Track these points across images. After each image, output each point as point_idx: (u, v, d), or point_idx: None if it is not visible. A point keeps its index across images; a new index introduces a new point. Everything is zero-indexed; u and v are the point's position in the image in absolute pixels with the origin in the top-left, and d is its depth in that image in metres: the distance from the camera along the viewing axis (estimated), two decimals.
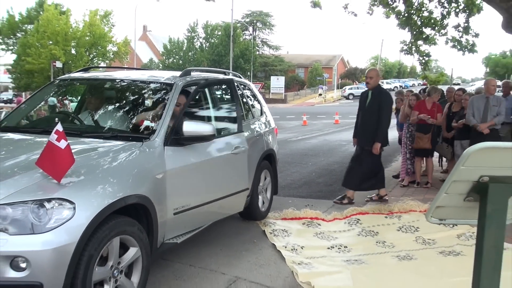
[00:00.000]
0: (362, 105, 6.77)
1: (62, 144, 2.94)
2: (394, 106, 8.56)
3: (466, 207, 2.35)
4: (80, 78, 5.11)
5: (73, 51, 40.31)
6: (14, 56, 42.33)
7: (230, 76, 5.61)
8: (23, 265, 2.68)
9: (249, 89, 6.11)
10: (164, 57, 53.61)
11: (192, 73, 4.72)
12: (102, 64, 40.56)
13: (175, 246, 4.06)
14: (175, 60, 51.75)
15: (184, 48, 52.67)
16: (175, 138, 3.89)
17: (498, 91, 8.64)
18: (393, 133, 13.75)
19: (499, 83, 15.44)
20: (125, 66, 24.60)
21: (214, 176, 4.49)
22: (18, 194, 2.82)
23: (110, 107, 4.47)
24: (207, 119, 4.94)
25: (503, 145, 2.23)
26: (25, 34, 41.88)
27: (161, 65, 51.96)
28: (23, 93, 39.09)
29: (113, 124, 4.23)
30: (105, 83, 4.90)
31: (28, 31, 41.75)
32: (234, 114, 5.10)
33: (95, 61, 41.03)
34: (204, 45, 53.59)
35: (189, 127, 3.89)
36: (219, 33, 52.26)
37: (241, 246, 4.91)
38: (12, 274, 2.67)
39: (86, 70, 5.32)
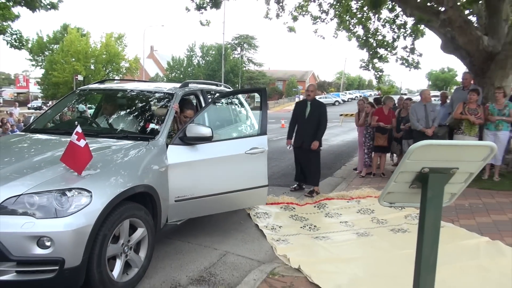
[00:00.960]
0: (301, 114, 6.46)
1: (82, 143, 2.90)
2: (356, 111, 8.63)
3: (410, 193, 2.36)
4: (97, 88, 5.03)
5: (92, 67, 39.65)
6: (43, 71, 41.55)
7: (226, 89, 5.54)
8: (48, 243, 2.64)
9: (237, 98, 6.09)
10: (168, 72, 53.03)
11: (190, 85, 4.68)
12: (116, 78, 40.10)
13: (176, 227, 4.03)
14: (176, 75, 51.16)
15: (184, 65, 52.17)
16: (180, 137, 3.83)
17: (436, 100, 8.76)
18: (354, 134, 13.90)
19: (438, 93, 15.56)
20: (135, 79, 24.26)
21: (222, 172, 4.12)
22: (44, 185, 2.78)
23: (122, 113, 4.39)
24: (224, 123, 4.78)
25: (439, 142, 2.24)
26: (52, 52, 41.07)
27: (165, 79, 51.40)
28: (50, 102, 38.43)
29: (124, 127, 4.17)
30: (118, 92, 4.82)
31: (54, 50, 40.98)
32: (253, 119, 4.93)
33: (110, 75, 40.42)
34: (200, 62, 53.10)
35: (191, 129, 3.82)
36: (213, 52, 51.86)
37: (230, 225, 4.88)
38: (38, 251, 2.63)
39: (102, 82, 5.24)
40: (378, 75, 13.39)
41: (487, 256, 3.80)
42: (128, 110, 4.38)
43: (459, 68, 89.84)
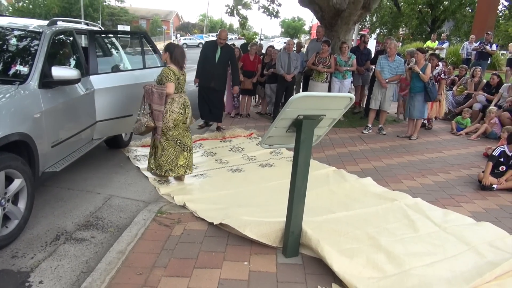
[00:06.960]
0: (211, 57, 6.55)
1: None
2: None
3: (286, 136, 2.64)
4: None
5: None
6: None
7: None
8: None
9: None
10: (14, 1, 43.96)
11: (58, 23, 4.09)
12: None
13: (52, 174, 3.68)
14: (25, 5, 42.92)
15: None
16: (46, 81, 3.41)
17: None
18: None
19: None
20: None
21: (77, 112, 4.01)
22: None
23: None
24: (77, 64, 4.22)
25: (312, 94, 2.53)
26: None
27: (10, 8, 42.78)
28: None
29: None
30: None
31: None
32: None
33: None
34: None
35: (58, 72, 3.42)
36: None
37: (111, 169, 4.69)
38: None
39: None
40: (242, 22, 13.57)
41: (334, 182, 4.48)
42: None
43: (307, 18, 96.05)
